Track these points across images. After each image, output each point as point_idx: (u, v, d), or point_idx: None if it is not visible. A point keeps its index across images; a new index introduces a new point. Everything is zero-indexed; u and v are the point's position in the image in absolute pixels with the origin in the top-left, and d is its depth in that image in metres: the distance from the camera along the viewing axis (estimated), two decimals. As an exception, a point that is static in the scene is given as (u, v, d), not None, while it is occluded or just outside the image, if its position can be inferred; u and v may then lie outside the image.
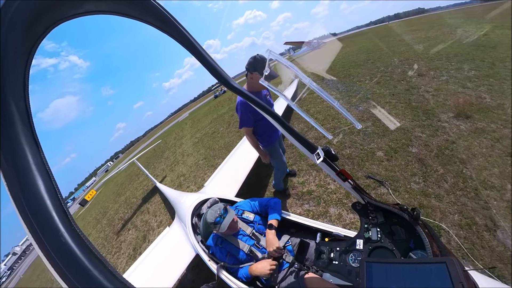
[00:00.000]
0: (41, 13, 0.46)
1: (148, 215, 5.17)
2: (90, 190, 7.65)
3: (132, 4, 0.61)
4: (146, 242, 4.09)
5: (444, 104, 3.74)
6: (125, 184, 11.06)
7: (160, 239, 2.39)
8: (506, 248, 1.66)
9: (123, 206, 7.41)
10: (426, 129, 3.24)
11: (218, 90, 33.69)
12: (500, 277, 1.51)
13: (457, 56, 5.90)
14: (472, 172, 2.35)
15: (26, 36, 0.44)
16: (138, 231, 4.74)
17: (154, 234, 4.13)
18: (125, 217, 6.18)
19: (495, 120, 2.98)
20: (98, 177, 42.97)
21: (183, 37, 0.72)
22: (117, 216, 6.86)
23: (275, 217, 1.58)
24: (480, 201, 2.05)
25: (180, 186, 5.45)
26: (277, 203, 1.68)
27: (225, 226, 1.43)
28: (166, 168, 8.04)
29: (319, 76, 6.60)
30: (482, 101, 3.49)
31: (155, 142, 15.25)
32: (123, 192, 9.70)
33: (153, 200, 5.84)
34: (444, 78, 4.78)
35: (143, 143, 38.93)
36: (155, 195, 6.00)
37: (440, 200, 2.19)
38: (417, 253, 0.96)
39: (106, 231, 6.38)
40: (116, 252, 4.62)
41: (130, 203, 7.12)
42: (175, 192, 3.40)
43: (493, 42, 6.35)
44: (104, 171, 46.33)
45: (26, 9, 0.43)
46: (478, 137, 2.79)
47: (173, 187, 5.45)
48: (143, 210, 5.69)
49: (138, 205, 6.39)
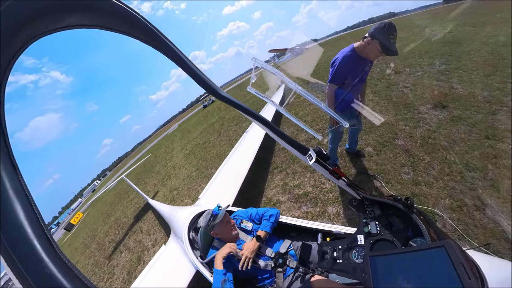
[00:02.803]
0: (18, 28, 0.43)
1: (141, 234, 4.91)
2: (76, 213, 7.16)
3: (116, 18, 0.60)
4: (142, 263, 3.86)
5: (422, 97, 3.98)
6: (115, 203, 10.54)
7: (157, 259, 2.26)
8: (497, 224, 1.75)
9: (114, 227, 7.01)
10: (408, 122, 3.41)
11: (206, 100, 33.64)
12: (496, 252, 1.57)
13: (428, 53, 6.37)
14: (455, 157, 2.49)
15: (1, 52, 0.42)
16: (131, 253, 4.47)
17: (149, 255, 3.91)
18: (117, 239, 5.84)
19: (468, 107, 3.22)
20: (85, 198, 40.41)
21: (168, 49, 0.72)
22: (108, 239, 6.46)
23: (264, 228, 1.56)
24: (466, 183, 2.18)
25: (174, 201, 5.27)
26: (272, 216, 1.64)
27: (221, 215, 1.47)
28: (157, 183, 7.79)
29: (304, 80, 6.80)
30: (455, 91, 3.78)
31: (145, 157, 14.79)
32: (113, 212, 9.21)
33: (146, 218, 5.58)
34: (419, 74, 5.11)
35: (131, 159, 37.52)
36: (147, 212, 5.75)
37: (430, 186, 2.28)
38: (416, 241, 0.98)
39: (96, 256, 5.97)
40: (108, 278, 4.31)
41: (121, 223, 6.76)
42: (169, 208, 3.29)
43: (457, 38, 6.98)
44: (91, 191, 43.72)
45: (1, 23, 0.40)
46: (456, 124, 2.99)
47: (166, 202, 5.25)
48: (135, 230, 5.41)
49: (130, 224, 6.08)
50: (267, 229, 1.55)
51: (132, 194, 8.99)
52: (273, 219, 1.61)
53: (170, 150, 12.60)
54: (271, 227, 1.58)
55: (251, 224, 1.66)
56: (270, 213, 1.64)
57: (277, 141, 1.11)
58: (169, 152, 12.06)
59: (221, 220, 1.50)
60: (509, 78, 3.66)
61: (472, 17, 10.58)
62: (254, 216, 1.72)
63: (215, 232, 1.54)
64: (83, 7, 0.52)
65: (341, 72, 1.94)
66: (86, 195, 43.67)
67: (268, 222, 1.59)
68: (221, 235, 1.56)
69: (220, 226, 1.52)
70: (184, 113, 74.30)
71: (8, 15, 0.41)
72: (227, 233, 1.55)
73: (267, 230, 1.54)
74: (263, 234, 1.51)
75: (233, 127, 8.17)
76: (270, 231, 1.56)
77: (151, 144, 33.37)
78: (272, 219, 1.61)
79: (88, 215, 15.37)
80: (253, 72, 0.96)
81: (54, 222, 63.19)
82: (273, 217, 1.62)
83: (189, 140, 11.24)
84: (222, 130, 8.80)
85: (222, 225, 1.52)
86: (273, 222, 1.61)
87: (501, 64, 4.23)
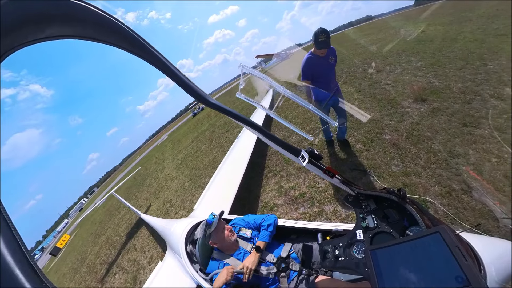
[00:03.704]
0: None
1: (135, 252, 4.69)
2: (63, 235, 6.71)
3: (100, 28, 0.58)
4: (138, 283, 3.67)
5: (403, 92, 4.19)
6: (105, 221, 10.02)
7: (154, 277, 2.17)
8: (484, 205, 1.86)
9: (105, 248, 6.64)
10: (393, 117, 3.56)
11: (196, 108, 33.04)
12: (486, 231, 1.66)
13: (405, 52, 6.78)
14: (439, 146, 2.64)
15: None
16: (126, 273, 4.24)
17: (145, 273, 3.73)
18: (109, 260, 5.52)
19: (446, 99, 3.44)
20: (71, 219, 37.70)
21: (155, 58, 0.70)
22: (99, 260, 6.09)
23: (263, 239, 1.53)
24: (452, 169, 2.30)
25: (168, 214, 5.10)
26: (270, 225, 1.61)
27: (216, 222, 1.46)
28: (149, 197, 7.52)
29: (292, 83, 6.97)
30: (432, 85, 4.02)
31: (135, 170, 14.26)
32: (103, 231, 8.74)
33: (139, 234, 5.35)
34: (398, 71, 5.40)
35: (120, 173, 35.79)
36: (140, 228, 5.52)
37: (419, 176, 2.38)
38: (412, 230, 1.00)
39: (87, 280, 5.60)
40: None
41: (113, 243, 6.42)
42: (163, 221, 3.17)
43: (429, 37, 7.53)
44: (78, 210, 40.95)
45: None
46: (436, 115, 3.17)
47: (160, 216, 5.08)
48: (129, 248, 5.16)
49: (122, 243, 5.79)
50: (266, 239, 1.52)
51: (123, 210, 8.62)
52: (271, 228, 1.59)
53: (161, 161, 12.27)
54: (270, 236, 1.56)
55: (250, 231, 1.63)
56: (268, 223, 1.61)
57: (269, 145, 1.11)
58: (160, 163, 11.74)
59: (217, 228, 1.47)
60: (480, 69, 3.97)
61: (441, 17, 11.48)
62: (252, 224, 1.69)
63: (213, 242, 1.51)
64: (64, 18, 0.50)
65: (306, 70, 2.56)
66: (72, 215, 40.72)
67: (267, 231, 1.57)
68: (220, 244, 1.52)
69: (217, 234, 1.48)
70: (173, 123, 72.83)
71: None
72: (225, 240, 1.51)
73: (266, 240, 1.52)
74: (263, 244, 1.49)
75: (224, 134, 8.13)
76: (269, 240, 1.54)
77: (140, 156, 32.19)
78: (270, 228, 1.58)
79: (75, 237, 14.44)
80: (241, 78, 0.97)
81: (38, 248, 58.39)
82: (271, 226, 1.59)
83: (180, 150, 11.04)
84: (213, 138, 8.73)
85: (219, 233, 1.49)
86: (271, 231, 1.58)
87: (470, 57, 4.58)
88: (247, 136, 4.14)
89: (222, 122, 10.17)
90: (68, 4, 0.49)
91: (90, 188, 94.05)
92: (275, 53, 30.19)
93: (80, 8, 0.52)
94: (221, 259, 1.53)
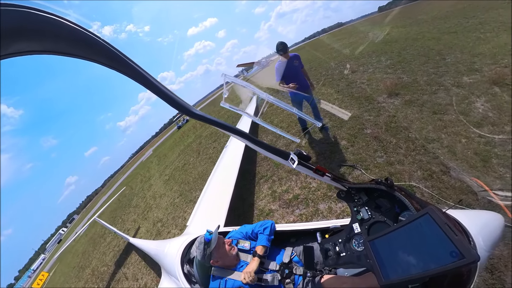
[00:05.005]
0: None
1: (127, 282, 4.32)
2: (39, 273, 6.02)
3: (73, 42, 0.54)
4: (132, 315, 3.36)
5: (378, 89, 4.51)
6: (88, 251, 9.14)
7: (150, 306, 2.00)
8: (462, 182, 2.04)
9: (91, 281, 6.04)
10: (371, 112, 3.79)
11: (180, 120, 32.06)
12: (468, 205, 1.81)
13: (375, 53, 7.35)
14: (415, 134, 2.85)
15: None
16: (118, 306, 3.88)
17: (140, 302, 3.45)
18: (97, 295, 5.03)
19: (415, 91, 3.78)
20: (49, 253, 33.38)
21: (134, 71, 0.67)
22: (86, 298, 5.53)
23: (261, 243, 1.49)
24: (429, 153, 2.50)
25: (160, 234, 4.82)
26: (267, 228, 1.57)
27: (216, 239, 1.37)
28: (137, 218, 7.06)
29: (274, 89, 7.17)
30: (402, 80, 4.40)
31: (119, 191, 13.36)
32: (88, 262, 7.96)
33: (130, 261, 4.96)
34: (371, 70, 5.82)
35: (103, 195, 32.82)
36: (130, 254, 5.13)
37: (402, 164, 2.54)
38: (404, 215, 1.05)
39: (73, 324, 5.03)
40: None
41: (100, 274, 5.87)
42: (155, 243, 2.96)
43: (394, 38, 8.29)
44: (56, 242, 36.50)
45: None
46: (409, 107, 3.45)
47: (151, 238, 4.79)
48: (119, 278, 4.75)
49: (111, 273, 5.31)
50: (264, 242, 1.47)
51: (109, 237, 7.97)
52: (268, 231, 1.54)
53: (147, 178, 11.67)
54: (268, 239, 1.51)
55: (249, 243, 1.56)
56: (264, 226, 1.57)
57: (258, 151, 1.12)
58: (146, 181, 11.14)
59: (216, 244, 1.39)
60: (440, 63, 4.43)
61: (402, 20, 12.69)
62: (250, 233, 1.63)
63: (214, 261, 1.41)
64: (33, 32, 0.46)
65: (278, 73, 3.27)
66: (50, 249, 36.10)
67: (264, 235, 1.52)
68: (222, 261, 1.43)
69: (217, 251, 1.40)
70: (158, 137, 70.07)
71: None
72: (227, 256, 1.44)
73: (264, 243, 1.47)
74: (260, 249, 1.44)
75: (211, 144, 8.02)
76: (268, 244, 1.49)
77: (124, 175, 30.31)
78: (267, 231, 1.54)
79: (55, 273, 12.98)
80: (224, 87, 0.97)
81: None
82: (268, 229, 1.55)
83: (167, 165, 10.62)
84: (200, 149, 8.56)
85: (219, 250, 1.41)
86: (268, 234, 1.53)
87: (431, 53, 5.10)
88: (235, 145, 4.11)
89: (209, 133, 10.05)
90: (37, 17, 0.46)
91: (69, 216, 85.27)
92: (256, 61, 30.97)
93: (51, 22, 0.48)
94: (223, 275, 1.43)
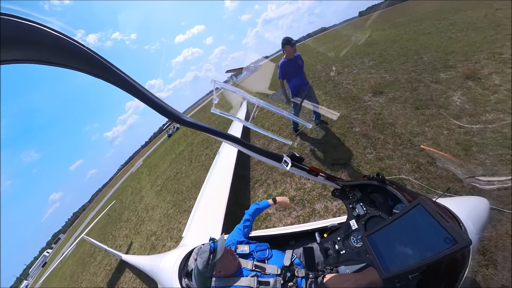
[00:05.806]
0: None
1: (121, 301, 4.10)
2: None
3: (56, 50, 0.52)
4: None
5: (363, 89, 4.69)
6: (77, 273, 8.56)
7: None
8: (448, 171, 2.16)
9: (83, 306, 5.68)
10: (359, 111, 3.93)
11: (170, 128, 31.15)
12: (456, 192, 1.91)
13: (358, 54, 7.68)
14: (401, 129, 2.99)
15: None
16: (113, 330, 3.65)
17: (136, 323, 3.26)
18: (90, 320, 4.72)
19: (397, 89, 3.99)
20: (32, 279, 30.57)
21: (120, 80, 0.65)
22: (77, 324, 5.16)
23: (263, 203, 1.75)
24: (415, 147, 2.62)
25: (154, 249, 4.64)
26: (252, 207, 1.75)
27: (222, 247, 1.26)
28: (129, 233, 6.76)
29: (264, 93, 7.28)
30: (385, 79, 4.62)
31: (108, 205, 12.77)
32: (77, 285, 7.49)
33: (123, 279, 4.71)
34: (355, 71, 6.07)
35: (91, 211, 30.84)
36: (124, 272, 4.88)
37: (391, 158, 2.64)
38: (397, 207, 1.08)
39: None
40: None
41: (93, 298, 5.54)
42: (149, 258, 2.82)
43: (375, 40, 8.72)
44: (41, 266, 33.52)
45: None
46: (393, 104, 3.62)
47: (145, 253, 4.61)
48: (113, 299, 4.50)
49: (104, 295, 5.02)
50: (263, 202, 1.74)
51: (100, 255, 7.55)
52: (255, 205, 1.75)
53: (138, 190, 11.27)
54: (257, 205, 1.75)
55: (247, 246, 1.51)
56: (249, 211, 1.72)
57: (251, 155, 1.12)
58: (137, 193, 10.75)
59: (223, 253, 1.29)
60: (418, 62, 4.70)
61: (381, 24, 13.40)
62: (242, 232, 1.60)
63: (217, 272, 1.32)
64: (13, 40, 0.44)
65: (281, 71, 3.38)
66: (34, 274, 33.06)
67: (255, 204, 1.73)
68: (225, 271, 1.34)
69: (222, 261, 1.29)
70: (147, 146, 67.95)
71: None
72: (229, 265, 1.35)
73: (264, 203, 1.74)
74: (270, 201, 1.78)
75: (204, 151, 7.93)
76: (266, 202, 1.75)
77: (113, 188, 28.95)
78: (254, 206, 1.74)
79: (42, 302, 12.12)
80: (214, 93, 0.96)
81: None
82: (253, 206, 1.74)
83: (159, 175, 10.35)
84: (192, 157, 8.42)
85: (224, 259, 1.30)
86: (258, 203, 1.76)
87: (409, 53, 5.41)
88: (228, 150, 4.08)
89: (200, 140, 9.95)
90: (18, 25, 0.44)
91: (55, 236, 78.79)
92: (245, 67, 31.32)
93: (33, 30, 0.47)
94: (224, 285, 1.34)
